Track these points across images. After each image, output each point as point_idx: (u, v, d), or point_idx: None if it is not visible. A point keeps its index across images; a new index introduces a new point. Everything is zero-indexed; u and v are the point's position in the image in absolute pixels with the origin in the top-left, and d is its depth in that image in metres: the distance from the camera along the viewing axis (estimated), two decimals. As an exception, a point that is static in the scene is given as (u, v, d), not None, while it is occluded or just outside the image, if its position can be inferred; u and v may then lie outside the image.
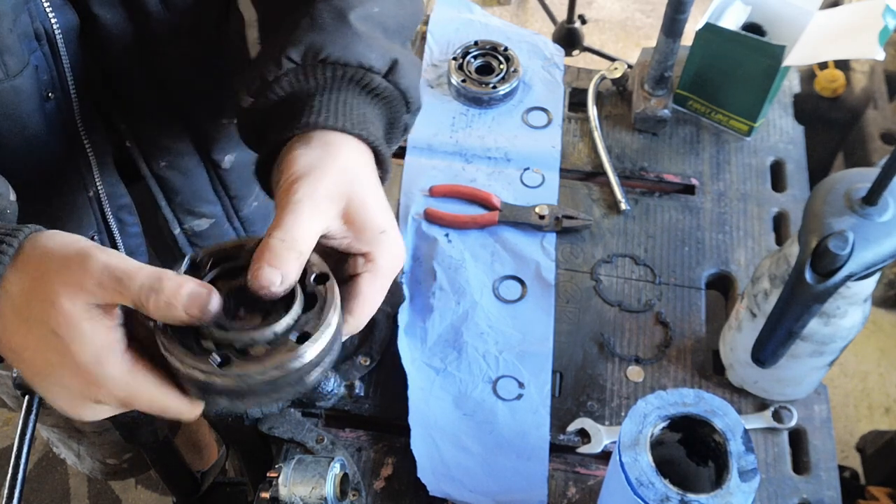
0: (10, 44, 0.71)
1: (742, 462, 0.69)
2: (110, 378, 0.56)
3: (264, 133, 0.70)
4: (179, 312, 0.55)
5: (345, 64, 0.68)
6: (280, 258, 0.57)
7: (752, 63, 1.07)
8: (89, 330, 0.55)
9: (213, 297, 0.56)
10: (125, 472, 1.46)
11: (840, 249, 0.72)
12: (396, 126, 0.75)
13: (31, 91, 0.75)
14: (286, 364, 0.56)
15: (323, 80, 0.69)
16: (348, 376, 0.95)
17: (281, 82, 0.69)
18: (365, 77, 0.69)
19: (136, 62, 0.83)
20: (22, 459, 0.75)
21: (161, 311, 0.55)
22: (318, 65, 0.68)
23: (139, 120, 0.88)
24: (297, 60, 0.68)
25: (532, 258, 1.05)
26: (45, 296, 0.55)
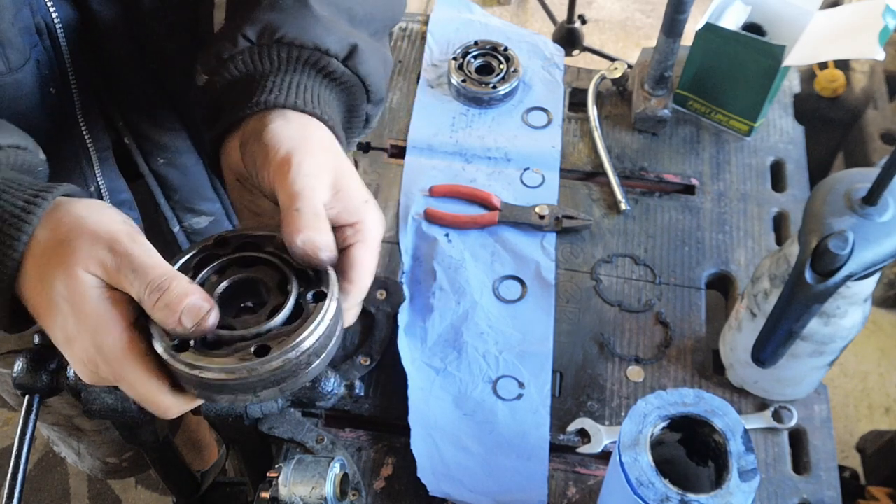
0: (11, 37, 0.71)
1: (742, 462, 0.69)
2: (105, 349, 0.56)
3: (218, 112, 0.70)
4: (175, 317, 0.56)
5: (300, 45, 0.68)
6: (319, 229, 0.59)
7: (752, 63, 1.07)
8: (95, 298, 0.56)
9: (212, 315, 0.57)
10: (125, 471, 1.46)
11: (840, 249, 0.72)
12: (356, 114, 0.75)
13: (33, 85, 0.76)
14: (286, 353, 0.56)
15: (278, 61, 0.68)
16: (348, 376, 0.95)
17: (235, 61, 0.68)
18: (321, 60, 0.69)
19: (132, 58, 0.83)
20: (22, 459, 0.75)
21: (159, 313, 0.56)
22: (273, 44, 0.68)
23: (137, 117, 0.88)
24: (252, 39, 0.68)
25: (532, 258, 1.05)
26: (64, 260, 0.56)
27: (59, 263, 0.56)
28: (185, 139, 0.93)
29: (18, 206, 0.57)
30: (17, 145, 0.62)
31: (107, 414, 0.78)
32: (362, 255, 0.64)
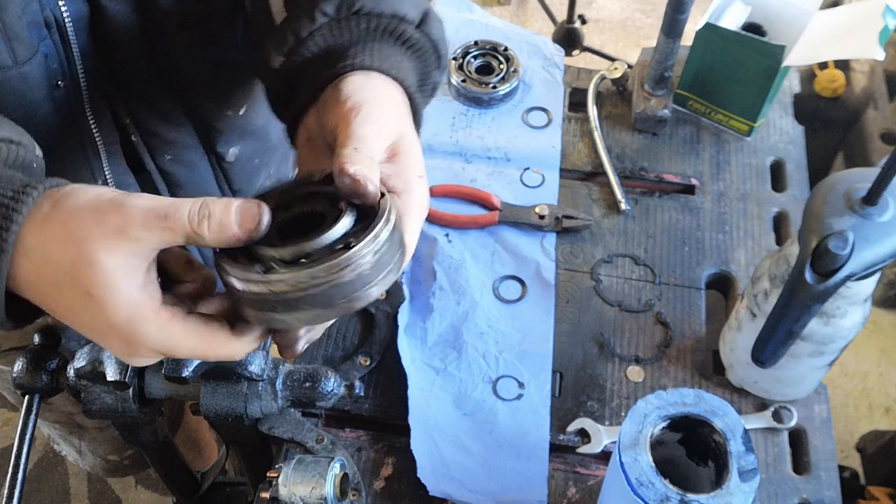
0: (18, 31, 0.71)
1: (742, 462, 0.69)
2: (146, 336, 0.55)
3: (295, 92, 0.69)
4: (234, 230, 0.54)
5: (379, 14, 0.68)
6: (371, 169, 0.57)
7: (752, 63, 1.07)
8: (125, 288, 0.54)
9: (264, 209, 0.55)
10: (126, 468, 1.46)
11: (840, 249, 0.72)
12: (427, 82, 0.75)
13: (40, 79, 0.76)
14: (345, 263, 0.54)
15: (357, 32, 0.68)
16: (348, 376, 0.95)
17: (315, 37, 0.68)
18: (399, 27, 0.69)
19: (142, 54, 0.83)
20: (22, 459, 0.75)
21: (215, 234, 0.54)
22: (352, 17, 0.68)
23: (144, 113, 0.89)
24: (330, 14, 0.68)
25: (532, 258, 1.05)
26: (79, 256, 0.53)
27: (74, 262, 0.53)
28: (192, 135, 0.94)
29: (7, 198, 0.54)
30: (9, 139, 0.60)
31: (106, 414, 0.78)
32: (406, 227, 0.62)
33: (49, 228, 0.54)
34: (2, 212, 0.53)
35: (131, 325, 0.55)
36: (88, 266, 0.53)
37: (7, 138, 0.60)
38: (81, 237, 0.53)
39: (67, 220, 0.54)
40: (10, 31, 0.70)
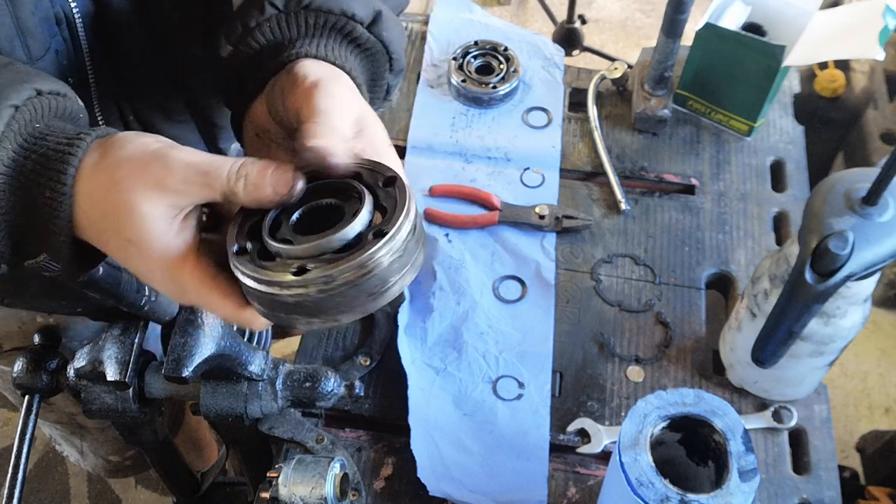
0: (31, 27, 0.72)
1: (742, 462, 0.69)
2: (184, 283, 0.58)
3: (241, 83, 0.70)
4: (267, 191, 0.56)
5: (328, 11, 0.68)
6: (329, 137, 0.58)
7: (752, 63, 1.07)
8: (161, 236, 0.56)
9: (299, 176, 0.57)
10: (128, 469, 1.46)
11: (840, 249, 0.72)
12: (378, 84, 0.75)
13: (53, 74, 0.76)
14: (364, 262, 0.53)
15: (305, 27, 0.69)
16: (348, 376, 0.95)
17: (262, 28, 0.69)
18: (347, 25, 0.69)
19: (145, 51, 0.83)
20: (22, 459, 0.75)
21: (250, 194, 0.56)
22: (300, 11, 0.68)
23: (147, 110, 0.89)
24: (279, 6, 0.68)
25: (532, 258, 1.05)
26: (121, 204, 0.56)
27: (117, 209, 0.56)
28: (194, 132, 0.94)
29: (63, 145, 0.57)
30: (57, 91, 0.62)
31: (106, 414, 0.78)
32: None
33: (97, 176, 0.57)
34: (59, 157, 0.57)
35: (169, 272, 0.57)
36: (128, 213, 0.56)
37: (55, 91, 0.62)
38: (124, 186, 0.56)
39: (114, 169, 0.57)
40: (24, 27, 0.71)
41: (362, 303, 0.54)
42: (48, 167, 0.57)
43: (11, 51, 0.71)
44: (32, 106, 0.59)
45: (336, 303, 0.54)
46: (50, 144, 0.58)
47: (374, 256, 0.53)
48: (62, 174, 0.56)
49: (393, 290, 0.55)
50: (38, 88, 0.60)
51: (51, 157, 0.57)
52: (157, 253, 0.56)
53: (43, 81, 0.61)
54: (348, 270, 0.53)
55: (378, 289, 0.54)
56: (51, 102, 0.62)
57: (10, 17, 0.69)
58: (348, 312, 0.55)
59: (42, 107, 0.60)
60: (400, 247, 0.54)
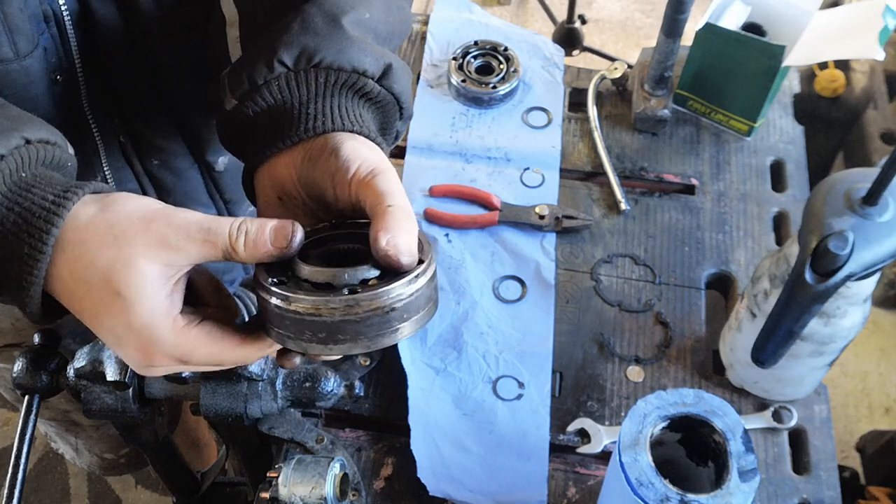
0: (20, 24, 0.71)
1: (742, 462, 0.69)
2: (162, 341, 0.57)
3: (246, 137, 0.70)
4: (267, 247, 0.57)
5: (339, 68, 0.67)
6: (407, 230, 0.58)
7: (752, 63, 1.07)
8: (153, 293, 0.56)
9: (297, 228, 0.58)
10: (123, 467, 1.46)
11: (840, 249, 0.72)
12: (388, 132, 0.75)
13: (41, 72, 0.76)
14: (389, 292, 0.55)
15: (315, 86, 0.68)
16: (348, 376, 0.95)
17: (271, 87, 0.67)
18: (359, 81, 0.68)
19: (128, 57, 0.83)
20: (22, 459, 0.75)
21: (250, 251, 0.57)
22: (311, 70, 0.67)
23: (132, 116, 0.89)
24: (289, 65, 0.67)
25: (532, 258, 1.05)
26: (119, 258, 0.55)
27: (114, 258, 0.55)
28: (180, 143, 0.93)
29: (48, 201, 0.57)
30: (46, 140, 0.61)
31: (106, 414, 0.78)
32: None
33: (93, 229, 0.56)
34: (44, 215, 0.56)
35: (150, 329, 0.56)
36: (126, 267, 0.55)
37: (44, 139, 0.61)
38: (124, 240, 0.56)
39: (114, 224, 0.56)
40: (12, 24, 0.71)
41: (375, 334, 0.57)
42: (31, 223, 0.56)
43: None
44: (20, 154, 0.58)
45: (355, 329, 0.56)
46: (35, 199, 0.57)
47: (400, 291, 0.56)
48: (45, 234, 0.56)
49: (406, 328, 0.58)
50: (27, 137, 0.59)
51: (35, 214, 0.56)
52: (147, 310, 0.56)
53: (33, 129, 0.60)
54: (374, 299, 0.55)
55: (395, 324, 0.57)
56: (39, 151, 0.60)
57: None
58: (361, 341, 0.57)
59: (30, 156, 0.59)
60: (422, 287, 0.57)
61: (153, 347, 0.57)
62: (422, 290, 0.58)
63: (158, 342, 0.57)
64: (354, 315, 0.55)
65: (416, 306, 0.58)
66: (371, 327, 0.56)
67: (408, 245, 0.57)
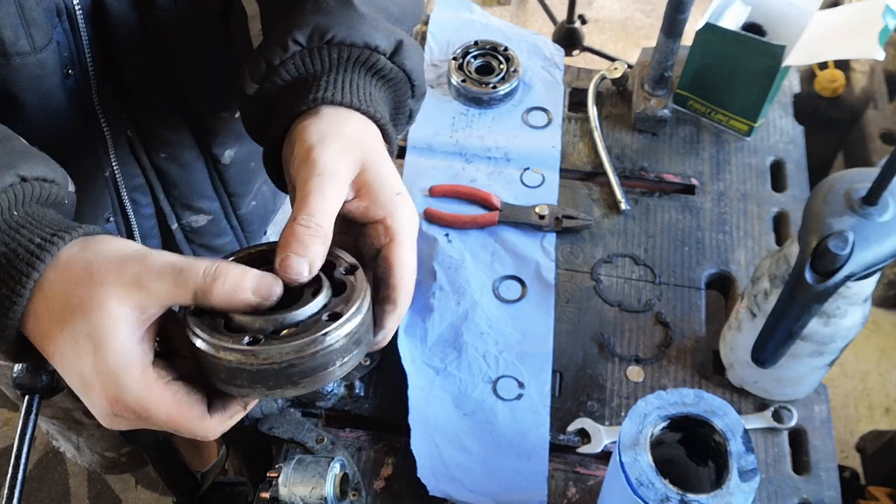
0: (36, 17, 0.72)
1: (742, 462, 0.69)
2: (126, 390, 0.55)
3: (269, 121, 0.70)
4: (247, 294, 0.56)
5: (350, 44, 0.68)
6: (305, 245, 0.58)
7: (752, 63, 1.07)
8: (122, 337, 0.54)
9: (279, 283, 0.57)
10: (124, 465, 1.46)
11: (840, 249, 0.72)
12: (401, 111, 0.76)
13: (54, 66, 0.76)
14: (317, 340, 0.55)
15: (328, 62, 0.69)
16: (348, 376, 0.95)
17: (287, 66, 0.69)
18: (371, 58, 0.69)
19: (140, 50, 0.83)
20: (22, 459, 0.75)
21: (226, 296, 0.55)
22: (323, 46, 0.68)
23: (141, 109, 0.89)
24: (302, 42, 0.68)
25: (532, 258, 1.05)
26: (90, 297, 0.54)
27: (87, 297, 0.54)
28: (188, 135, 0.94)
29: (34, 244, 0.56)
30: (44, 178, 0.61)
31: (107, 414, 0.78)
32: (397, 255, 0.63)
33: (71, 268, 0.56)
34: (27, 258, 0.55)
35: (116, 377, 0.55)
36: (97, 308, 0.54)
37: (41, 177, 0.61)
38: (97, 281, 0.55)
39: (90, 263, 0.55)
40: (29, 17, 0.72)
41: (307, 379, 0.57)
42: (14, 265, 0.55)
43: (16, 40, 0.72)
44: (13, 192, 0.58)
45: (283, 375, 0.56)
46: (22, 240, 0.56)
47: (327, 337, 0.56)
48: (25, 277, 0.55)
49: (336, 372, 0.58)
50: (23, 175, 0.59)
51: (19, 256, 0.55)
52: (114, 354, 0.54)
53: (31, 166, 0.60)
54: (300, 346, 0.55)
55: (323, 368, 0.57)
56: (34, 189, 0.60)
57: (14, 6, 0.70)
58: (291, 387, 0.57)
59: (24, 194, 0.59)
60: (352, 331, 0.57)
61: (118, 394, 0.55)
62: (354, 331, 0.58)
63: (124, 389, 0.55)
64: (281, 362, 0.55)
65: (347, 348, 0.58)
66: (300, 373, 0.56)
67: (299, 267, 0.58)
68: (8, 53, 0.72)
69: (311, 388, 0.57)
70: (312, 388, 0.57)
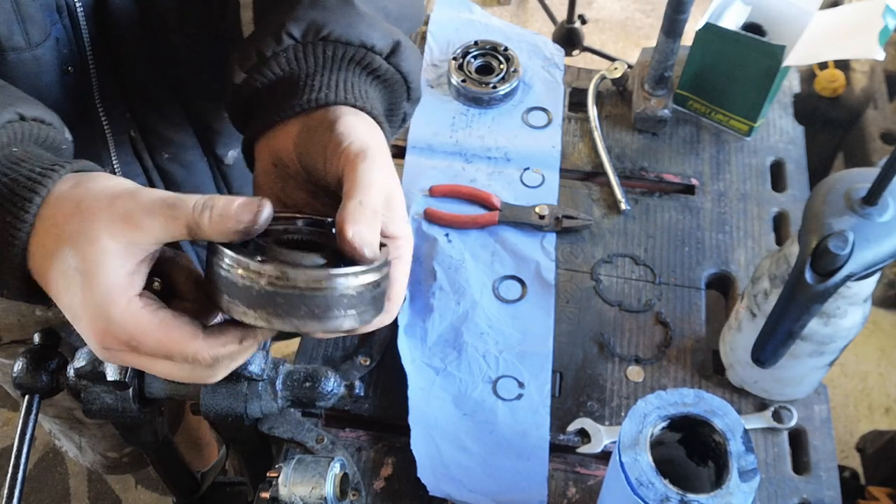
0: (32, 13, 0.72)
1: (742, 462, 0.69)
2: (114, 320, 0.55)
3: (253, 111, 0.69)
4: (233, 222, 0.55)
5: (346, 42, 0.67)
6: (374, 227, 0.57)
7: (752, 63, 1.07)
8: (112, 269, 0.54)
9: (265, 203, 0.55)
10: (126, 466, 1.46)
11: (840, 249, 0.72)
12: (396, 113, 0.74)
13: (52, 63, 0.76)
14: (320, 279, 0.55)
15: (323, 59, 0.67)
16: (348, 376, 0.95)
17: (279, 59, 0.67)
18: (367, 57, 0.68)
19: (143, 49, 0.83)
20: (22, 459, 0.75)
21: (216, 226, 0.55)
22: (318, 42, 0.67)
23: (144, 109, 0.89)
24: (297, 37, 0.67)
25: (532, 258, 1.05)
26: (81, 231, 0.54)
27: (78, 232, 0.54)
28: (191, 136, 0.94)
29: (35, 173, 0.56)
30: (41, 119, 0.61)
31: (106, 414, 0.78)
32: (398, 271, 0.63)
33: (62, 202, 0.56)
34: (29, 184, 0.56)
35: (102, 309, 0.54)
36: (88, 243, 0.54)
37: (39, 118, 0.61)
38: (88, 215, 0.55)
39: (81, 199, 0.55)
40: (25, 13, 0.71)
41: (300, 316, 0.56)
42: (16, 192, 0.56)
43: (10, 36, 0.72)
44: (13, 129, 0.58)
45: (276, 302, 0.55)
46: (23, 171, 0.57)
47: (331, 279, 0.56)
48: (27, 202, 0.55)
49: (332, 321, 0.57)
50: (21, 113, 0.59)
51: (21, 183, 0.56)
52: (102, 286, 0.54)
53: (28, 107, 0.60)
54: (302, 276, 0.55)
55: (319, 311, 0.56)
56: (33, 129, 0.60)
57: (9, 2, 0.70)
58: (282, 318, 0.56)
59: (23, 132, 0.59)
60: (356, 286, 0.57)
61: (106, 325, 0.55)
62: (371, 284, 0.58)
63: (110, 321, 0.55)
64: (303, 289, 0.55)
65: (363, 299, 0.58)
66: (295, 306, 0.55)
67: (371, 238, 0.57)
68: (2, 48, 0.72)
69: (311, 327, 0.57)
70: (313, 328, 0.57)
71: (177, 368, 0.58)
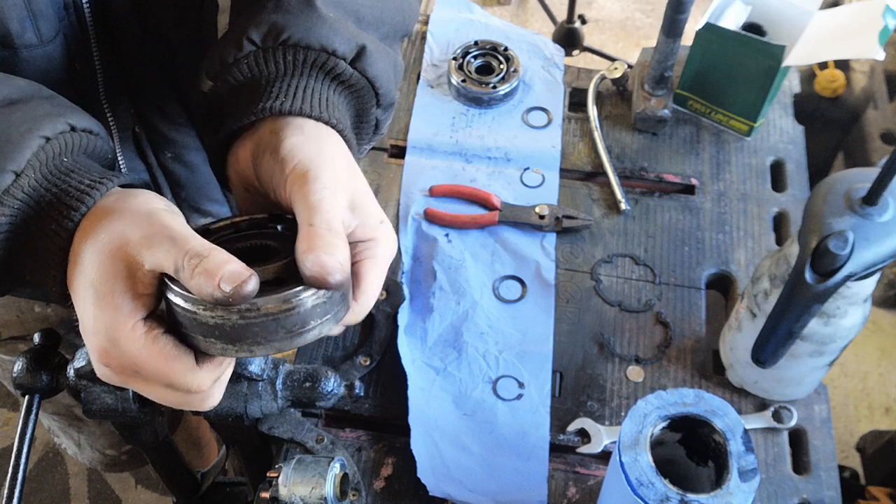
0: (43, 9, 0.72)
1: (742, 462, 0.69)
2: (116, 342, 0.55)
3: (223, 119, 0.68)
4: (214, 282, 0.52)
5: (307, 47, 0.66)
6: (332, 246, 0.56)
7: (752, 63, 1.07)
8: (121, 289, 0.55)
9: (251, 281, 0.53)
10: (124, 464, 1.47)
11: (840, 249, 0.72)
12: (365, 119, 0.73)
13: (61, 59, 0.77)
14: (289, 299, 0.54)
15: (283, 64, 0.66)
16: (348, 376, 0.95)
17: (240, 65, 0.66)
18: (329, 62, 0.66)
19: (143, 47, 0.83)
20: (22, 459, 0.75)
21: (197, 278, 0.53)
22: (278, 47, 0.66)
23: (146, 107, 0.89)
24: (257, 42, 0.66)
25: (532, 258, 1.05)
26: (105, 247, 0.55)
27: (103, 245, 0.55)
28: (193, 136, 0.94)
29: (84, 184, 0.58)
30: (90, 130, 0.63)
31: (106, 414, 0.78)
32: (369, 271, 0.62)
33: (101, 216, 0.57)
34: (77, 195, 0.58)
35: (107, 329, 0.55)
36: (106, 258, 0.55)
37: (87, 129, 0.62)
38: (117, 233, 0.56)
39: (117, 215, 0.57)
40: (36, 9, 0.72)
41: (279, 338, 0.56)
42: (64, 202, 0.57)
43: (23, 32, 0.72)
44: (64, 140, 0.60)
45: (254, 332, 0.55)
46: (72, 181, 0.59)
47: (299, 295, 0.55)
48: (73, 211, 0.57)
49: (311, 333, 0.57)
50: (73, 124, 0.61)
51: (69, 194, 0.58)
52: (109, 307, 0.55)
53: (79, 118, 0.62)
54: (272, 302, 0.54)
55: (296, 328, 0.56)
56: (82, 139, 0.62)
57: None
58: (264, 345, 0.56)
59: (73, 142, 0.61)
60: (325, 293, 0.56)
61: (108, 346, 0.55)
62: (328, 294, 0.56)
63: (114, 343, 0.55)
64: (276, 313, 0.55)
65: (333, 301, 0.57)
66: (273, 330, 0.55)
67: (333, 264, 0.55)
68: (15, 46, 0.72)
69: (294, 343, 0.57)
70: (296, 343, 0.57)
71: (172, 395, 0.59)
